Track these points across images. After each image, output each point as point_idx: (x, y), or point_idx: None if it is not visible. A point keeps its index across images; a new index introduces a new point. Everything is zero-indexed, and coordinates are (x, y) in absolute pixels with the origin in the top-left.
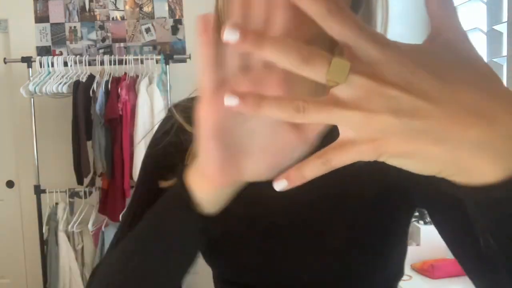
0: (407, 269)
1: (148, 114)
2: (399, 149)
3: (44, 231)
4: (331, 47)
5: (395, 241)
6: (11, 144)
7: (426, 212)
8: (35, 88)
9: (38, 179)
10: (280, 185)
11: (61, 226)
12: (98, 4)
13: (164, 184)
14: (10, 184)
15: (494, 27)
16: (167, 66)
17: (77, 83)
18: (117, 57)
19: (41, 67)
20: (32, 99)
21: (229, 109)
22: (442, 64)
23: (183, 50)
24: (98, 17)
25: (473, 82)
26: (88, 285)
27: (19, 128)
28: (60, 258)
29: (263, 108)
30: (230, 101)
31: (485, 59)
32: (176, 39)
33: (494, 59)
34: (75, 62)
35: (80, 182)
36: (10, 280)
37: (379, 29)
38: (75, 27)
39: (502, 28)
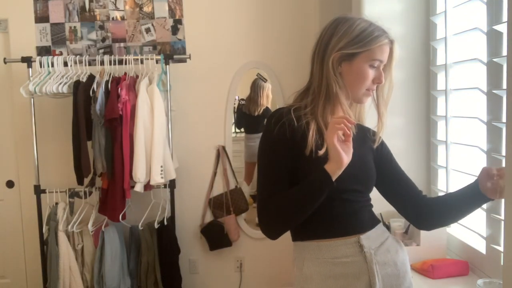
0: None
1: (148, 114)
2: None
3: (44, 231)
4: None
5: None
6: (11, 144)
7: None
8: (35, 88)
9: (38, 179)
10: None
11: (61, 226)
12: (98, 4)
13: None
14: (10, 184)
15: (494, 27)
16: (167, 66)
17: (77, 83)
18: (117, 57)
19: (41, 67)
20: (32, 99)
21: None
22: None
23: (183, 50)
24: (98, 17)
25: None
26: (265, 210)
27: (19, 128)
28: (60, 258)
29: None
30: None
31: (485, 59)
32: (176, 39)
33: (494, 59)
34: (75, 62)
35: (80, 182)
36: (10, 280)
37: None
38: (75, 27)
39: (502, 28)
